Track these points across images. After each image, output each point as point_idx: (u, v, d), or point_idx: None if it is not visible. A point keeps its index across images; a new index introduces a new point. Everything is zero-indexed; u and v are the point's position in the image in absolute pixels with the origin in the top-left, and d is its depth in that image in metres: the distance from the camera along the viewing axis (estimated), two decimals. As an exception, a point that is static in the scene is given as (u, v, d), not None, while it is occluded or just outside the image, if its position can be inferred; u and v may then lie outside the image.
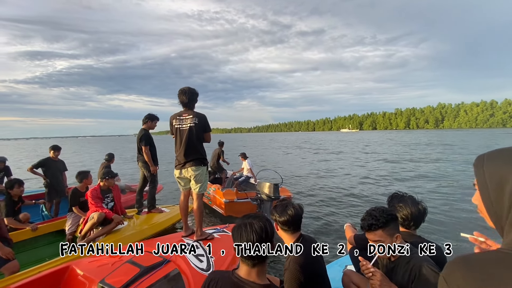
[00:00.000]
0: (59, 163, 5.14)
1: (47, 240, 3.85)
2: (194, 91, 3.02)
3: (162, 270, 2.10)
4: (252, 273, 1.07)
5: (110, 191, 3.79)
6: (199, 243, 2.76)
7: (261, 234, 1.06)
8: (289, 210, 1.51)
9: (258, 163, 15.29)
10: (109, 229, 3.37)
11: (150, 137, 4.41)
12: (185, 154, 2.92)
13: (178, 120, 2.98)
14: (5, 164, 5.39)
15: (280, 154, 22.20)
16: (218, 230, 3.22)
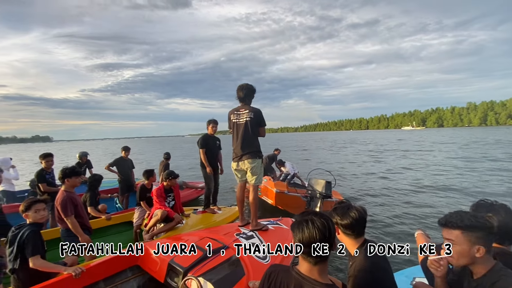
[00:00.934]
0: (129, 161, 5.83)
1: (118, 229, 4.30)
2: (251, 87, 3.18)
3: (223, 255, 2.29)
4: (314, 271, 1.05)
5: (172, 190, 4.00)
6: (254, 233, 2.87)
7: (324, 231, 1.03)
8: (352, 212, 1.40)
9: (307, 164, 14.79)
10: (170, 227, 3.55)
11: (206, 141, 4.60)
12: (241, 147, 3.09)
13: (235, 115, 3.16)
14: (87, 158, 6.29)
15: (331, 154, 21.09)
16: (272, 222, 3.30)
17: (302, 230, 1.04)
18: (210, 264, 2.15)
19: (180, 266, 2.15)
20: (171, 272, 2.21)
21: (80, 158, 6.13)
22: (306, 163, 15.30)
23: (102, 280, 2.29)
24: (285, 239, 2.78)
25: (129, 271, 2.49)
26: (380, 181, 9.43)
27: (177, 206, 4.00)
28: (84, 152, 6.31)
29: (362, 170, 11.98)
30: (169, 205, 3.84)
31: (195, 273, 2.01)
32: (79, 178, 3.11)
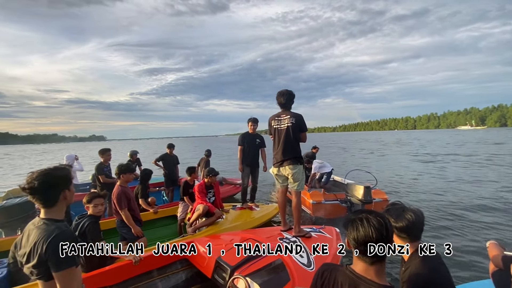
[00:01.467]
0: (174, 157, 6.26)
1: (164, 222, 4.59)
2: (291, 93, 3.21)
3: (267, 258, 2.31)
4: (370, 271, 1.01)
5: (212, 187, 4.15)
6: (298, 239, 2.86)
7: (381, 230, 0.98)
8: (408, 214, 1.31)
9: (345, 166, 14.08)
10: (211, 222, 3.69)
11: (244, 139, 4.78)
12: (283, 153, 3.10)
13: (276, 121, 3.18)
14: (137, 156, 6.86)
15: (376, 156, 19.69)
16: (315, 229, 3.25)
17: (357, 229, 1.01)
18: (256, 265, 2.19)
19: (227, 264, 2.23)
20: (218, 269, 2.30)
21: (131, 156, 6.72)
22: (345, 165, 14.57)
23: (156, 269, 2.52)
24: (329, 249, 2.71)
25: (179, 263, 2.69)
26: (431, 185, 8.53)
27: (217, 201, 4.13)
28: (135, 151, 6.91)
29: (417, 178, 10.06)
30: (209, 200, 3.98)
31: (242, 272, 2.06)
32: (132, 174, 3.42)
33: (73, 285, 1.20)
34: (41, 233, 1.20)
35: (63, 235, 1.20)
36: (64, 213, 1.37)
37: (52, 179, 1.26)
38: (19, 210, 3.87)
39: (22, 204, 3.94)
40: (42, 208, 1.28)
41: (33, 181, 1.22)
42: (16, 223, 3.77)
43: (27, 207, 4.06)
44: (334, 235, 3.10)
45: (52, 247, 1.16)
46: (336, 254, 2.67)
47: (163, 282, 2.53)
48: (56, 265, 1.16)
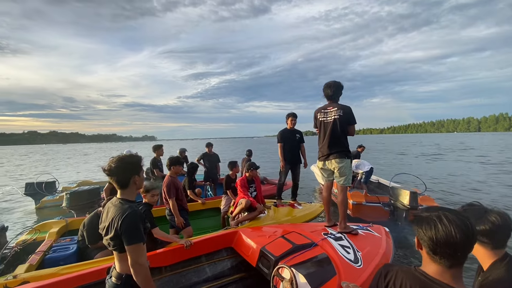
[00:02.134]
0: (213, 156, 6.56)
1: (208, 214, 4.83)
2: (339, 84, 3.07)
3: (311, 251, 2.29)
4: (447, 274, 0.91)
5: (254, 182, 4.20)
6: (343, 235, 2.77)
7: (466, 231, 0.86)
8: (492, 216, 1.13)
9: (392, 169, 12.92)
10: (253, 216, 3.73)
11: (284, 135, 4.71)
12: (329, 146, 3.02)
13: (322, 113, 3.10)
14: (185, 154, 7.33)
15: (427, 160, 17.71)
16: (361, 227, 3.12)
17: (435, 227, 0.90)
18: (300, 257, 2.17)
19: (271, 254, 2.25)
20: (262, 258, 2.34)
21: (180, 153, 7.21)
22: (392, 168, 13.35)
23: (204, 255, 2.68)
24: (378, 247, 2.59)
25: (224, 251, 2.81)
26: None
27: (258, 197, 4.15)
28: (183, 149, 7.44)
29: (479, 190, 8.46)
30: (251, 195, 4.02)
31: (286, 263, 2.05)
32: (181, 167, 3.68)
33: (142, 260, 1.38)
34: (117, 210, 1.40)
35: (135, 214, 1.39)
36: (135, 195, 1.56)
37: (126, 164, 1.46)
38: (88, 196, 4.50)
39: (90, 191, 4.57)
40: (118, 188, 1.49)
41: (111, 164, 1.44)
42: (85, 207, 4.35)
43: (94, 194, 4.67)
44: (383, 234, 2.94)
45: (125, 223, 1.35)
46: (386, 253, 2.51)
47: (210, 268, 2.65)
48: (128, 239, 1.35)
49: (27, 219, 6.20)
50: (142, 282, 1.39)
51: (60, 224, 3.58)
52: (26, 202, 7.49)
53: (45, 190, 6.61)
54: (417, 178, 6.21)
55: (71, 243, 3.13)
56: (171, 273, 2.45)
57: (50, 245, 3.01)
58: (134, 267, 1.37)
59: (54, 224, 3.59)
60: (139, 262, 1.37)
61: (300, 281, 1.88)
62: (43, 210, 6.01)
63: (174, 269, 2.48)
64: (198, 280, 2.54)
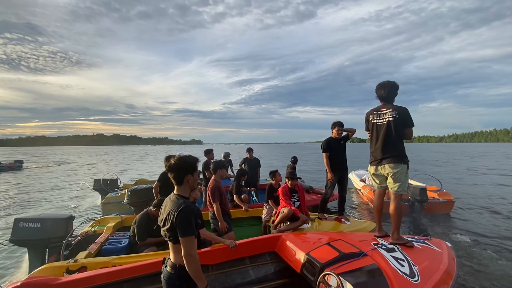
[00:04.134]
0: (254, 160, 6.60)
1: (249, 222, 4.82)
2: (394, 84, 2.90)
3: (359, 261, 2.17)
4: None
5: (297, 191, 4.09)
6: (396, 247, 2.59)
7: None
8: None
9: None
10: (296, 226, 3.63)
11: (330, 144, 4.45)
12: (382, 150, 2.85)
13: (375, 115, 2.95)
14: (229, 158, 7.54)
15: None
16: (417, 240, 2.89)
17: None
18: (348, 266, 2.07)
19: (317, 261, 2.19)
20: (307, 264, 2.29)
21: (224, 157, 7.44)
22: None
23: (248, 257, 2.72)
24: (438, 262, 2.34)
25: (268, 255, 2.81)
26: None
27: (302, 207, 4.04)
28: (227, 153, 7.65)
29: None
30: (294, 205, 3.93)
31: (333, 271, 1.98)
32: (225, 170, 3.76)
33: (193, 251, 1.51)
34: (173, 205, 1.55)
35: (188, 209, 1.53)
36: (189, 193, 1.71)
37: (182, 163, 1.63)
38: (146, 194, 4.87)
39: (148, 189, 4.90)
40: (175, 185, 1.66)
41: (172, 161, 1.62)
42: (143, 204, 4.74)
43: (151, 192, 5.03)
44: (445, 248, 2.66)
45: (180, 217, 1.49)
46: (448, 270, 2.24)
47: (254, 270, 2.68)
48: (181, 231, 1.48)
49: (93, 211, 7.08)
50: (193, 272, 1.51)
51: (116, 219, 4.00)
52: (94, 197, 8.59)
53: (109, 187, 7.48)
54: (432, 177, 7.71)
55: (124, 238, 3.47)
56: (217, 272, 2.53)
57: (106, 238, 3.39)
58: (187, 258, 1.49)
59: (111, 219, 4.02)
60: (191, 254, 1.49)
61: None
62: (107, 205, 6.79)
63: (221, 268, 2.56)
64: (242, 282, 2.57)
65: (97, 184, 7.57)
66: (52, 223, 3.11)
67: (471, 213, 6.49)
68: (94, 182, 7.68)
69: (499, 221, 5.79)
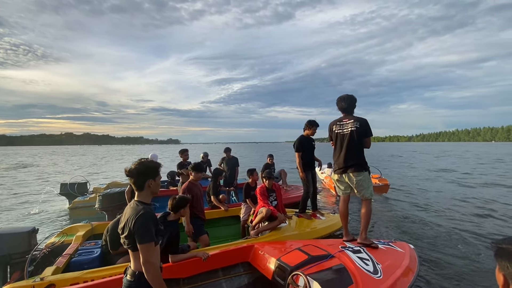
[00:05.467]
0: (233, 159, 6.57)
1: (227, 222, 4.78)
2: (352, 97, 3.14)
3: (327, 262, 2.32)
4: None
5: (274, 191, 4.13)
6: (362, 248, 2.78)
7: None
8: None
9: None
10: (274, 226, 3.66)
11: (302, 143, 4.44)
12: (345, 158, 3.00)
13: (338, 126, 3.12)
14: (208, 158, 7.45)
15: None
16: (382, 242, 3.12)
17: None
18: (316, 267, 2.20)
19: (287, 265, 2.27)
20: (278, 270, 2.34)
21: (202, 157, 7.34)
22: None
23: (221, 269, 2.68)
24: (400, 261, 2.53)
25: (241, 266, 2.80)
26: None
27: (279, 206, 4.08)
28: (206, 153, 7.57)
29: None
30: (271, 204, 3.96)
31: (302, 272, 2.06)
32: (200, 174, 3.67)
33: (152, 258, 1.46)
34: (132, 211, 1.52)
35: (147, 215, 1.48)
36: (151, 199, 1.64)
37: (143, 167, 1.57)
38: (119, 198, 4.60)
39: (121, 193, 4.64)
40: (135, 190, 1.60)
41: (132, 166, 1.58)
42: (116, 208, 4.48)
43: (123, 196, 4.77)
44: (407, 249, 2.88)
45: (138, 223, 1.44)
46: (409, 267, 2.43)
47: (227, 283, 2.65)
48: (139, 238, 1.44)
49: (60, 218, 6.60)
50: (152, 280, 1.47)
51: (86, 228, 3.72)
52: (61, 201, 8.02)
53: (77, 191, 7.02)
54: (375, 168, 9.58)
55: (95, 247, 3.24)
56: (188, 286, 2.46)
57: (76, 248, 3.13)
58: (145, 265, 1.45)
59: (80, 227, 3.73)
60: (149, 261, 1.45)
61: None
62: (75, 210, 6.37)
63: (192, 282, 2.49)
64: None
65: (64, 189, 7.07)
66: (12, 238, 2.81)
67: (400, 193, 9.06)
68: (61, 186, 7.16)
69: (418, 200, 8.06)
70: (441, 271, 3.58)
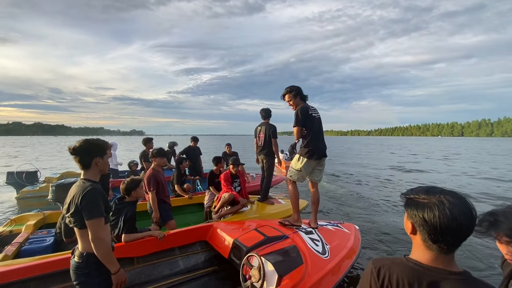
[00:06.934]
0: (197, 149, 6.49)
1: (192, 209, 4.86)
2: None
3: (281, 243, 2.44)
4: (443, 259, 0.84)
5: (238, 177, 4.27)
6: (314, 230, 2.96)
7: (470, 216, 0.79)
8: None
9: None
10: (236, 210, 3.82)
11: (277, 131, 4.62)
12: (324, 143, 3.07)
13: (312, 110, 3.03)
14: (174, 148, 7.31)
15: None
16: (332, 223, 3.37)
17: (439, 214, 0.80)
18: (270, 248, 2.31)
19: (243, 245, 2.37)
20: (234, 249, 2.44)
21: (169, 147, 7.17)
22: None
23: (178, 247, 2.73)
24: (345, 241, 2.82)
25: (199, 244, 2.88)
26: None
27: (242, 191, 4.24)
28: (173, 142, 7.42)
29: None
30: (235, 190, 4.11)
31: (258, 253, 2.16)
32: (163, 159, 3.59)
33: (101, 234, 1.44)
34: (78, 188, 1.48)
35: (95, 191, 1.46)
36: (99, 178, 1.61)
37: (89, 146, 1.54)
38: None
39: None
40: (81, 169, 1.56)
41: (76, 144, 1.51)
42: None
43: None
44: (353, 230, 3.19)
45: (85, 199, 1.42)
46: (353, 247, 2.73)
47: (184, 260, 2.70)
48: (87, 214, 1.41)
49: (7, 209, 6.04)
50: (103, 257, 1.45)
51: (37, 217, 3.53)
52: (8, 191, 7.29)
53: (25, 180, 6.45)
54: None
55: (48, 236, 3.10)
56: (143, 264, 2.48)
57: (26, 237, 2.97)
58: (94, 242, 1.41)
59: (31, 216, 3.52)
60: (99, 236, 1.42)
61: (268, 269, 1.99)
62: (23, 201, 5.87)
63: (147, 260, 2.51)
64: (170, 273, 2.57)
65: (11, 177, 6.44)
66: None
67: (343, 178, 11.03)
68: (7, 175, 6.51)
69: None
70: (380, 245, 4.21)
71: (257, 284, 1.95)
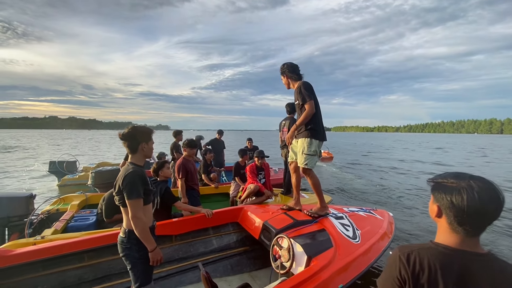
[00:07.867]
0: (221, 142, 6.72)
1: (217, 198, 5.06)
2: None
3: (311, 226, 2.47)
4: (470, 242, 0.85)
5: (263, 169, 4.33)
6: (344, 215, 2.91)
7: (497, 199, 0.81)
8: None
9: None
10: (261, 201, 3.89)
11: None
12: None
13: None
14: (200, 142, 7.55)
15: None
16: (364, 210, 3.32)
17: (467, 197, 0.82)
18: (300, 231, 2.35)
19: (273, 227, 2.42)
20: (264, 231, 2.51)
21: (196, 140, 7.41)
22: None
23: (211, 227, 2.89)
24: (378, 227, 2.76)
25: (231, 225, 3.01)
26: None
27: (267, 184, 4.29)
28: (200, 136, 7.65)
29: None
30: (260, 182, 4.17)
31: (287, 235, 2.20)
32: (194, 149, 3.80)
33: (139, 214, 1.57)
34: (123, 171, 1.64)
35: (135, 173, 1.59)
36: (143, 162, 1.76)
37: (136, 132, 1.68)
38: (111, 175, 4.73)
39: (113, 171, 4.81)
40: (129, 153, 1.71)
41: (125, 130, 1.68)
42: (108, 186, 4.62)
43: (115, 174, 4.89)
44: (386, 216, 3.12)
45: (126, 180, 1.56)
46: (386, 234, 2.66)
47: (217, 240, 2.86)
48: (127, 194, 1.55)
49: (50, 194, 6.65)
50: (140, 235, 1.58)
51: (80, 198, 3.88)
52: (50, 180, 8.00)
53: (66, 169, 7.03)
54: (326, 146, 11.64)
55: (90, 215, 3.40)
56: (180, 242, 2.65)
57: (72, 215, 3.31)
58: (132, 220, 1.55)
59: (75, 197, 3.89)
60: (136, 216, 1.55)
61: (297, 250, 2.03)
62: (64, 188, 6.41)
63: (184, 238, 2.68)
64: (205, 251, 2.73)
65: (53, 166, 7.06)
66: (11, 202, 2.95)
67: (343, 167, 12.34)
68: (50, 164, 7.14)
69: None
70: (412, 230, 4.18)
71: (287, 264, 1.99)
